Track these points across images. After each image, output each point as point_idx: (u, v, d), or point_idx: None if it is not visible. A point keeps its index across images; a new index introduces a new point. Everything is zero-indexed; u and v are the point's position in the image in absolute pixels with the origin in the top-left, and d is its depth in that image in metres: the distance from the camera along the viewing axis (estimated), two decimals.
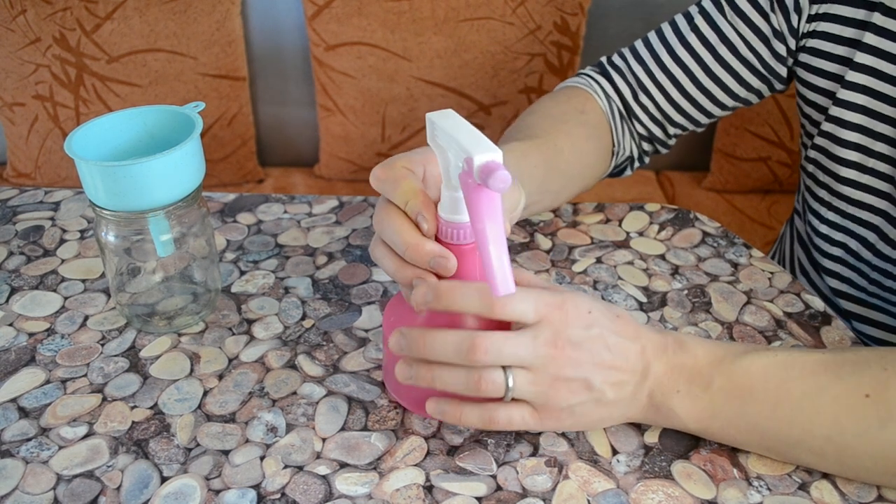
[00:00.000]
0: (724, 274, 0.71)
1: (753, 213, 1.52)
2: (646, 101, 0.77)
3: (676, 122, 0.78)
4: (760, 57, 0.73)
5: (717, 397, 0.51)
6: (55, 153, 1.50)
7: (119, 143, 0.61)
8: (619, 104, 0.78)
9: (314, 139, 1.62)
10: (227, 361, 0.61)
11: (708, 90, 0.76)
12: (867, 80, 0.67)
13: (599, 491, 0.50)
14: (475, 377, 0.48)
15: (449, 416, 0.51)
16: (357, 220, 0.78)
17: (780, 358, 0.51)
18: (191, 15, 1.41)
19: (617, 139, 0.78)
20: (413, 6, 1.39)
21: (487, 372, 0.48)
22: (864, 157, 0.70)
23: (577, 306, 0.49)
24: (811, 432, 0.50)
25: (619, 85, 0.78)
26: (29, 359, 0.61)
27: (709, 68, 0.75)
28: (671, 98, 0.77)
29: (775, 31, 0.71)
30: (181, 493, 0.50)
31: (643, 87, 0.77)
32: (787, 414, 0.50)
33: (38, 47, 1.41)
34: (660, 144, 0.81)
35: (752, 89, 0.75)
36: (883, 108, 0.67)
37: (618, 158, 0.80)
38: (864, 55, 0.66)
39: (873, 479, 0.51)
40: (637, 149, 0.81)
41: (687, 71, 0.75)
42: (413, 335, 0.49)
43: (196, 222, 0.62)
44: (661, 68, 0.76)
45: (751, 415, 0.50)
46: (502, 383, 0.49)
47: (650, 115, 0.78)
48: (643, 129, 0.79)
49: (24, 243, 0.74)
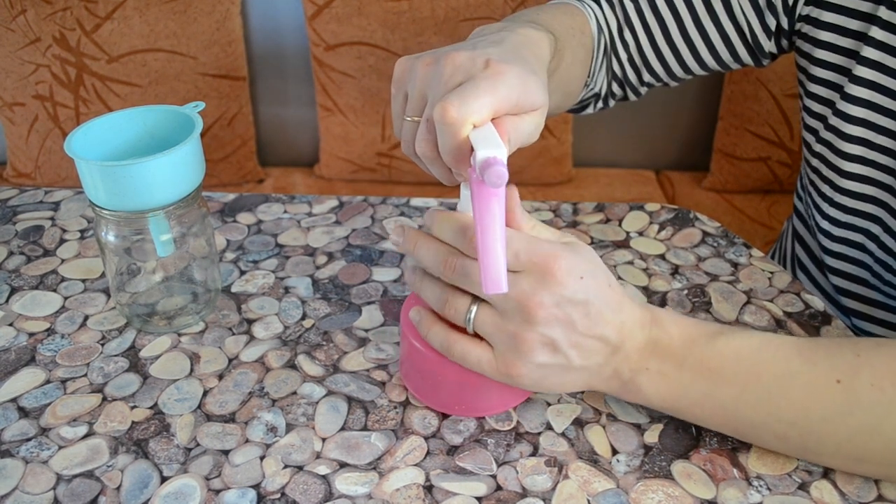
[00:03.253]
0: (724, 274, 0.71)
1: (753, 212, 1.52)
2: (629, 37, 0.76)
3: (653, 69, 0.77)
4: (750, 24, 0.72)
5: (686, 377, 0.50)
6: (55, 153, 1.51)
7: (119, 143, 0.61)
8: (607, 37, 0.77)
9: (314, 139, 1.62)
10: (227, 361, 0.61)
11: (693, 42, 0.75)
12: (873, 74, 0.67)
13: (599, 491, 0.50)
14: (444, 297, 0.50)
15: (421, 328, 0.52)
16: (357, 219, 0.78)
17: (754, 340, 0.51)
18: (191, 15, 1.41)
19: (593, 69, 0.77)
20: (413, 6, 1.39)
21: (455, 296, 0.49)
22: (866, 150, 0.70)
23: (570, 269, 0.48)
24: (777, 416, 0.49)
25: (607, 15, 0.77)
26: (29, 359, 0.61)
27: (699, 19, 0.74)
28: (654, 41, 0.76)
29: (769, 3, 0.71)
30: (181, 492, 0.50)
31: (630, 22, 0.76)
32: (755, 397, 0.50)
33: (38, 47, 1.41)
34: (630, 90, 0.80)
35: (736, 55, 0.75)
36: (886, 101, 0.67)
37: (587, 91, 0.78)
38: (869, 49, 0.67)
39: (834, 464, 0.51)
40: (607, 87, 0.79)
41: (677, 17, 0.74)
42: (411, 235, 0.51)
43: (196, 222, 0.62)
44: (652, 8, 0.75)
45: (718, 396, 0.50)
46: (464, 311, 0.49)
47: (629, 56, 0.77)
48: (619, 69, 0.78)
49: (24, 243, 0.75)
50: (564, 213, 0.79)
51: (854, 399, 0.48)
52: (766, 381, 0.49)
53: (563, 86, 0.70)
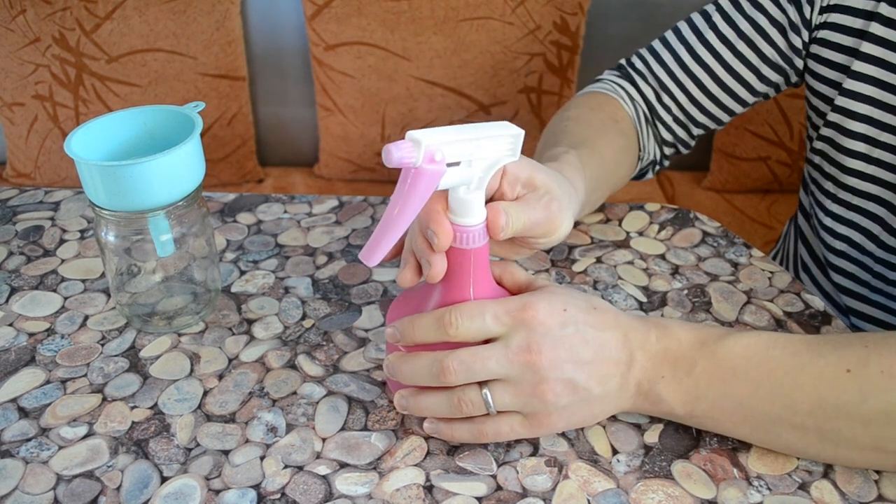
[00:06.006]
0: (724, 274, 0.71)
1: (753, 212, 1.52)
2: (669, 102, 0.78)
3: (699, 122, 0.79)
4: (779, 49, 0.73)
5: (701, 379, 0.51)
6: (55, 153, 1.51)
7: (119, 143, 0.61)
8: (645, 108, 0.79)
9: (314, 139, 1.62)
10: (227, 361, 0.61)
11: (729, 87, 0.76)
12: (874, 70, 0.67)
13: (599, 491, 0.50)
14: (455, 400, 0.50)
15: (442, 434, 0.52)
16: (357, 219, 0.78)
17: (762, 338, 0.51)
18: (190, 15, 1.41)
19: (643, 144, 0.79)
20: (413, 6, 1.39)
21: (465, 393, 0.49)
22: (870, 147, 0.70)
23: (549, 305, 0.49)
24: (792, 408, 0.50)
25: (642, 88, 0.79)
26: (29, 359, 0.61)
27: (729, 65, 0.75)
28: (693, 98, 0.77)
29: (791, 24, 0.72)
30: (181, 493, 0.50)
31: (666, 88, 0.78)
32: (769, 391, 0.50)
33: (38, 47, 1.41)
34: (682, 145, 0.82)
35: (771, 83, 0.76)
36: (890, 98, 0.67)
37: (643, 163, 0.80)
38: (869, 45, 0.67)
39: (855, 459, 0.51)
40: (659, 152, 0.81)
41: (708, 70, 0.76)
42: (392, 362, 0.51)
43: (196, 222, 0.62)
44: (683, 68, 0.77)
45: (734, 395, 0.50)
46: (481, 402, 0.49)
47: (674, 117, 0.79)
48: (667, 132, 0.80)
49: (24, 243, 0.74)
50: None
51: (866, 387, 0.48)
52: (778, 376, 0.50)
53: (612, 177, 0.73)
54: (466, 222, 0.48)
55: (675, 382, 0.51)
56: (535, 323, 0.48)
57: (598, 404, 0.51)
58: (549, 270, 0.71)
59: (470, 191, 0.47)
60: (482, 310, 0.48)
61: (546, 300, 0.49)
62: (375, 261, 0.48)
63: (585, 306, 0.50)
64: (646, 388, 0.51)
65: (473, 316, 0.48)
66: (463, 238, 0.48)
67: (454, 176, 0.46)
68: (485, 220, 0.48)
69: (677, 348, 0.51)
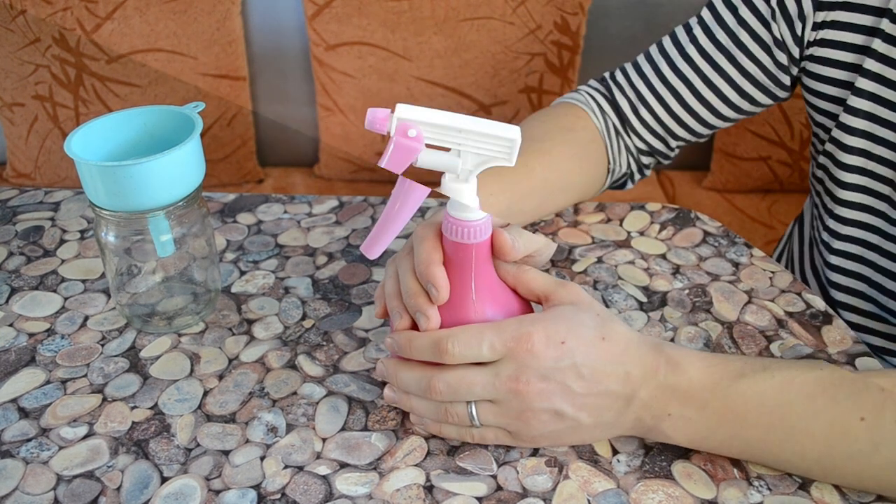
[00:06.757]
0: (724, 273, 0.71)
1: (754, 212, 1.52)
2: (646, 115, 0.77)
3: (678, 136, 0.78)
4: (762, 66, 0.72)
5: (711, 420, 0.50)
6: (55, 153, 1.50)
7: (119, 143, 0.61)
8: (616, 120, 0.78)
9: (314, 139, 1.61)
10: (227, 361, 0.61)
11: (709, 102, 0.75)
12: (873, 86, 0.67)
13: (599, 491, 0.50)
14: (441, 410, 0.51)
15: (429, 429, 0.53)
16: (357, 220, 0.78)
17: (776, 381, 0.50)
18: (191, 15, 1.41)
19: (612, 156, 0.78)
20: (413, 6, 1.39)
21: (451, 406, 0.50)
22: (866, 160, 0.70)
23: (548, 338, 0.48)
24: (801, 454, 0.50)
25: (618, 99, 0.78)
26: (29, 359, 0.61)
27: (709, 79, 0.74)
28: (672, 111, 0.76)
29: (776, 40, 0.70)
30: (181, 493, 0.50)
31: (644, 100, 0.76)
32: (780, 438, 0.50)
33: (38, 47, 1.41)
34: (661, 157, 0.80)
35: (754, 101, 0.74)
36: (885, 112, 0.67)
37: (614, 175, 0.79)
38: (872, 62, 0.66)
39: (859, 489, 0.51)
40: (635, 163, 0.80)
41: (687, 83, 0.75)
42: (385, 368, 0.53)
43: (196, 222, 0.61)
44: (662, 81, 0.76)
45: (744, 437, 0.50)
46: (465, 416, 0.50)
47: (651, 129, 0.77)
48: (643, 144, 0.78)
49: (24, 243, 0.74)
50: (565, 213, 0.79)
51: (878, 436, 0.48)
52: (790, 422, 0.50)
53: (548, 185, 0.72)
54: (466, 216, 0.48)
55: (682, 420, 0.50)
56: (529, 356, 0.47)
57: (587, 432, 0.51)
58: (549, 270, 0.71)
59: (457, 180, 0.47)
60: (479, 339, 0.48)
61: (546, 331, 0.48)
62: (376, 253, 0.50)
63: (591, 337, 0.49)
64: (649, 424, 0.51)
65: (471, 345, 0.48)
66: (463, 232, 0.48)
67: (438, 159, 0.47)
68: (486, 217, 0.49)
69: (688, 387, 0.50)
